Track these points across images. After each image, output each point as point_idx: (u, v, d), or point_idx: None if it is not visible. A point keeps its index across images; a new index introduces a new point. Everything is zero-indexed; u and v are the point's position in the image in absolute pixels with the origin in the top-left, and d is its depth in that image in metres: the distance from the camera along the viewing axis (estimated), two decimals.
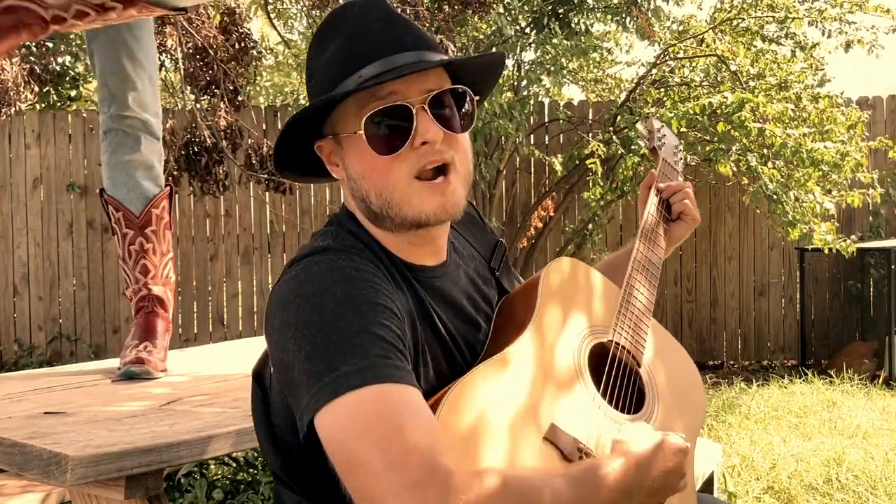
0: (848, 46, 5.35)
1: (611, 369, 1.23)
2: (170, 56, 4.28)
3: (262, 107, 6.88)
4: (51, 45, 6.10)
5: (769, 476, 3.27)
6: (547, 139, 6.31)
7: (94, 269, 6.30)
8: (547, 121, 6.26)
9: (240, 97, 4.42)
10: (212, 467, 3.13)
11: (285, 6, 6.85)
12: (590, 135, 5.60)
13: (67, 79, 7.05)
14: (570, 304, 1.26)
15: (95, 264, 6.31)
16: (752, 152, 4.76)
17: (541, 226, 5.99)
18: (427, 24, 4.29)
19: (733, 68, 5.12)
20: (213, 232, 6.35)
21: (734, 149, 4.87)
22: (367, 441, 0.94)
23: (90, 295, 6.29)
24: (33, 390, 1.77)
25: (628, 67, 6.79)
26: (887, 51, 5.44)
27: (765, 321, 6.26)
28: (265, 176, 4.31)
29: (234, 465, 3.14)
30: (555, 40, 5.21)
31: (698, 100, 4.78)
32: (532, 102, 5.21)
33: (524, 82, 5.42)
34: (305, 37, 7.43)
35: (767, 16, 5.46)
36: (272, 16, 5.87)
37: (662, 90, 5.41)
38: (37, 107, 6.81)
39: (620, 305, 1.30)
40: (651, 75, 5.64)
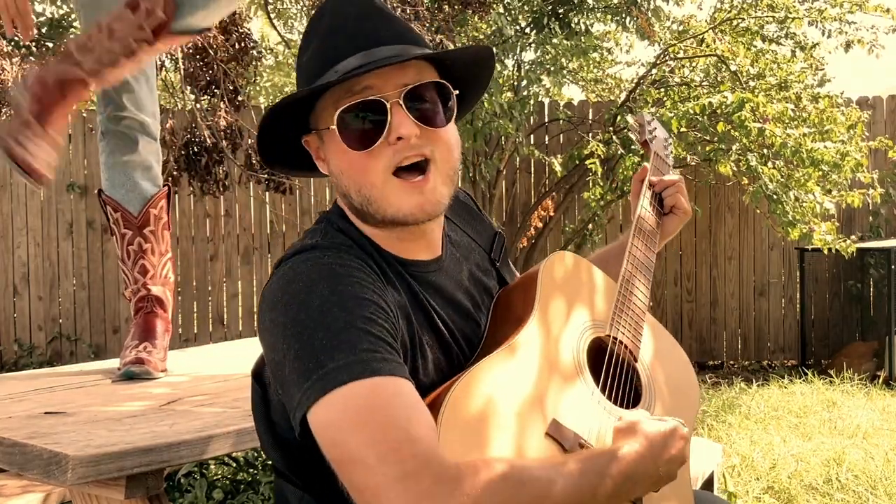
0: (848, 46, 5.36)
1: (609, 364, 1.23)
2: (170, 56, 4.27)
3: (262, 107, 6.89)
4: (50, 45, 6.10)
5: (769, 476, 3.26)
6: (547, 139, 6.31)
7: (94, 269, 6.30)
8: (547, 121, 6.26)
9: (240, 97, 4.42)
10: (212, 467, 3.13)
11: (285, 6, 6.84)
12: (590, 135, 5.60)
13: None
14: (569, 298, 1.26)
15: (95, 264, 6.31)
16: (752, 152, 4.76)
17: (541, 226, 5.99)
18: (427, 24, 4.29)
19: (733, 68, 5.12)
20: (213, 232, 6.35)
21: (734, 149, 4.87)
22: (359, 435, 0.94)
23: (90, 295, 6.29)
24: (33, 390, 1.77)
25: (628, 67, 6.80)
26: (887, 51, 5.44)
27: (765, 321, 6.26)
28: (265, 176, 4.31)
29: (234, 465, 3.14)
30: (555, 40, 5.21)
31: (698, 100, 4.78)
32: (532, 102, 5.21)
33: (524, 82, 5.42)
34: None
35: (767, 16, 5.46)
36: (272, 16, 5.86)
37: (662, 90, 5.42)
38: None
39: (617, 300, 1.30)
40: (651, 75, 5.64)
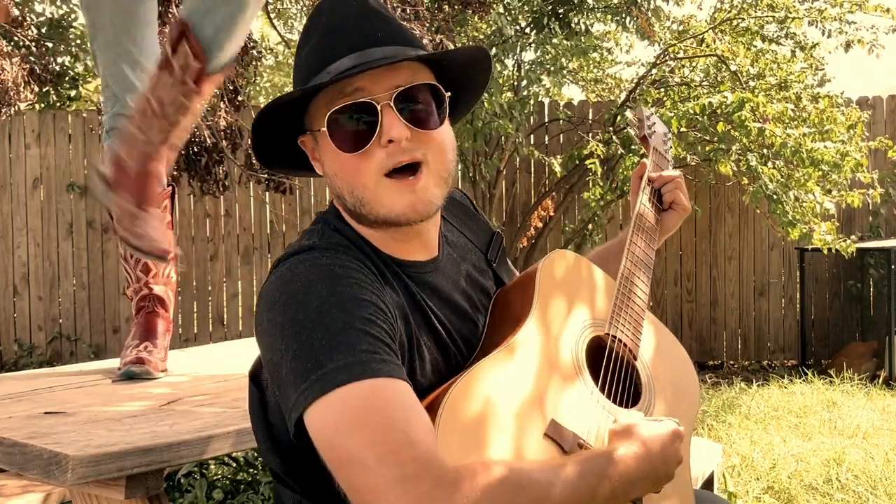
0: (848, 46, 5.36)
1: (608, 363, 1.22)
2: None
3: (262, 107, 6.88)
4: (50, 45, 6.10)
5: (769, 476, 3.26)
6: (547, 139, 6.30)
7: (94, 269, 6.30)
8: (547, 121, 6.26)
9: (240, 97, 4.42)
10: (212, 467, 3.13)
11: (285, 6, 6.84)
12: (590, 135, 5.60)
13: (67, 79, 7.04)
14: (568, 296, 1.25)
15: (95, 264, 6.31)
16: (752, 152, 4.76)
17: (541, 226, 5.99)
18: (427, 24, 4.29)
19: (733, 68, 5.12)
20: (213, 232, 6.35)
21: (734, 149, 4.86)
22: (357, 436, 0.93)
23: (90, 295, 6.29)
24: (33, 390, 1.77)
25: (628, 67, 6.80)
26: (887, 51, 5.44)
27: (765, 321, 6.26)
28: (265, 176, 4.31)
29: (234, 465, 3.14)
30: (555, 40, 5.21)
31: (698, 100, 4.78)
32: (532, 102, 5.21)
33: (524, 82, 5.42)
34: None
35: (767, 16, 5.46)
36: (272, 16, 5.86)
37: (662, 90, 5.42)
38: (37, 107, 6.81)
39: (617, 298, 1.30)
40: (651, 75, 5.64)
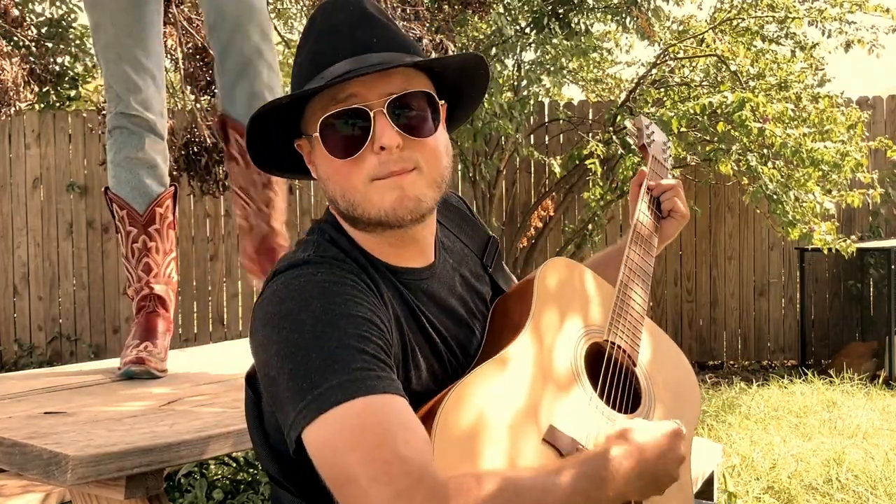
0: (848, 46, 5.35)
1: (607, 369, 1.22)
2: (170, 56, 4.27)
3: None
4: (50, 45, 6.10)
5: (769, 476, 3.26)
6: (547, 139, 6.30)
7: (94, 269, 6.30)
8: (547, 121, 6.26)
9: None
10: (212, 467, 3.13)
11: (285, 6, 6.84)
12: (589, 135, 5.60)
13: (67, 79, 7.04)
14: (566, 304, 1.25)
15: (95, 264, 6.31)
16: (752, 152, 4.76)
17: (541, 226, 5.99)
18: (427, 24, 4.29)
19: (733, 68, 5.12)
20: (213, 232, 6.35)
21: (734, 149, 4.87)
22: (351, 455, 0.93)
23: (90, 295, 6.29)
24: (33, 390, 1.77)
25: (628, 67, 6.80)
26: (887, 51, 5.44)
27: (765, 321, 6.26)
28: None
29: (234, 465, 3.14)
30: (555, 40, 5.20)
31: (698, 100, 4.78)
32: (532, 102, 5.21)
33: (524, 82, 5.42)
34: None
35: (767, 16, 5.46)
36: (272, 16, 5.87)
37: (662, 90, 5.42)
38: (36, 107, 6.81)
39: (615, 304, 1.30)
40: (651, 75, 5.64)
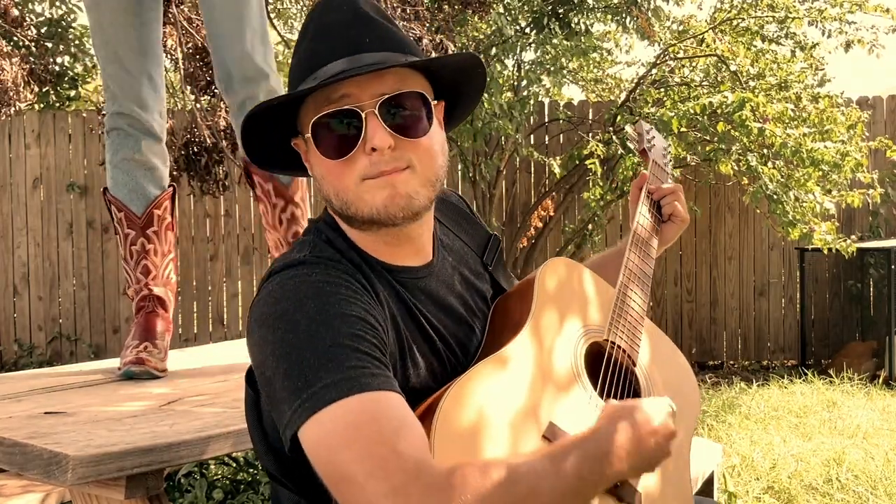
0: (848, 46, 5.35)
1: (607, 369, 1.23)
2: (170, 56, 4.27)
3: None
4: (50, 45, 6.10)
5: (769, 476, 3.27)
6: (547, 139, 6.30)
7: (94, 269, 6.30)
8: (547, 121, 6.26)
9: None
10: (212, 467, 3.13)
11: (285, 6, 6.85)
12: (589, 135, 5.60)
13: (67, 79, 7.04)
14: (566, 304, 1.26)
15: (95, 264, 6.31)
16: (752, 152, 4.76)
17: (541, 226, 5.99)
18: (427, 24, 4.29)
19: (733, 68, 5.12)
20: (213, 232, 6.35)
21: (734, 149, 4.86)
22: (347, 453, 0.94)
23: (90, 295, 6.29)
24: (33, 390, 1.77)
25: (628, 67, 6.80)
26: (887, 51, 5.44)
27: (765, 321, 6.26)
28: None
29: (234, 465, 3.14)
30: (555, 40, 5.21)
31: (698, 100, 4.78)
32: (532, 102, 5.21)
33: (524, 82, 5.42)
34: None
35: (767, 16, 5.46)
36: (272, 16, 5.87)
37: (662, 90, 5.41)
38: (36, 107, 6.81)
39: (615, 304, 1.30)
40: (651, 75, 5.64)
